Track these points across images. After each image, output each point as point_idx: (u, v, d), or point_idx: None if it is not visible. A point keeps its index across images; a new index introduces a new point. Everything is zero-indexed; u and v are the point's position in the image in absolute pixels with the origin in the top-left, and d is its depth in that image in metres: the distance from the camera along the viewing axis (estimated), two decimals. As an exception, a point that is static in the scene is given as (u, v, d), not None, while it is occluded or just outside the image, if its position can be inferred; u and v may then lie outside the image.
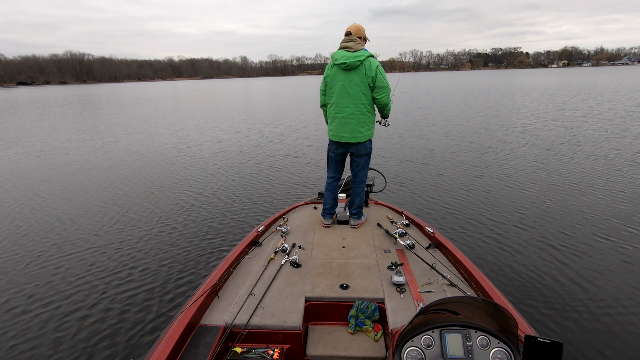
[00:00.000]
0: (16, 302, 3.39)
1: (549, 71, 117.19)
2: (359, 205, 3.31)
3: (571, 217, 4.84)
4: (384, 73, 2.97)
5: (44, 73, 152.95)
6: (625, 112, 14.47)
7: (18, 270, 3.97)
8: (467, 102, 21.01)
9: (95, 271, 3.88)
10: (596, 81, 40.69)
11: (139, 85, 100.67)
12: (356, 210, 3.30)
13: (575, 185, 6.13)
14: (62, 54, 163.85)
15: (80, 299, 3.38)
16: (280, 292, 2.31)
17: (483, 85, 38.59)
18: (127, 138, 12.50)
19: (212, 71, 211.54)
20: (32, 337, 2.93)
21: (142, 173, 7.86)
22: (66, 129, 15.31)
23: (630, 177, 6.37)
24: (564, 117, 13.75)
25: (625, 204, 5.21)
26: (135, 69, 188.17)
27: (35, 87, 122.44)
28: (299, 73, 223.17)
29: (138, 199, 6.11)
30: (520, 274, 3.58)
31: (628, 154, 7.96)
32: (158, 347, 1.74)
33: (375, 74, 2.91)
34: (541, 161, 7.72)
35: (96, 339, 2.86)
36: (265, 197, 6.05)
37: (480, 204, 5.45)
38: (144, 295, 3.41)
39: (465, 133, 11.34)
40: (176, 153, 9.81)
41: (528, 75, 73.40)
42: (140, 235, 4.74)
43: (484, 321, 1.47)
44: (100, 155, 9.88)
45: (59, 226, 5.13)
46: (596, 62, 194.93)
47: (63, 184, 7.20)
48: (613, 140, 9.40)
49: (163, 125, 15.47)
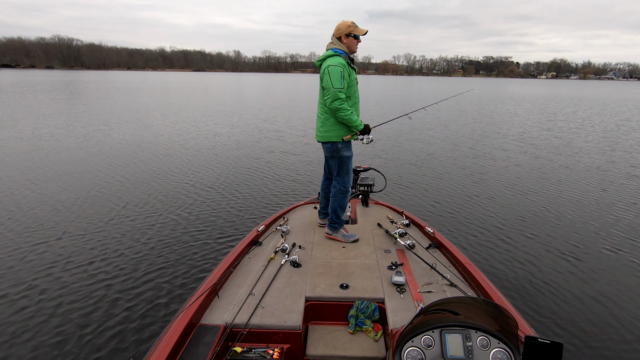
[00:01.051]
0: (16, 302, 3.31)
1: (539, 82, 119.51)
2: (332, 214, 3.08)
3: (571, 218, 4.95)
4: (335, 73, 2.73)
5: (30, 56, 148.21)
6: (617, 126, 14.87)
7: (16, 269, 3.85)
8: (462, 108, 21.26)
9: (95, 271, 3.80)
10: (585, 94, 41.70)
11: (129, 74, 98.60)
12: (329, 219, 3.10)
13: (573, 188, 6.28)
14: (50, 38, 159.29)
15: (80, 299, 3.32)
16: (280, 292, 2.31)
17: (475, 93, 39.04)
18: (121, 130, 12.25)
19: (205, 64, 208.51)
20: (32, 334, 2.88)
21: (139, 171, 7.68)
22: (59, 118, 14.90)
23: (619, 183, 6.57)
24: (557, 127, 14.07)
25: (623, 207, 5.36)
26: (126, 58, 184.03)
27: (20, 70, 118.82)
28: (292, 70, 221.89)
29: (136, 198, 5.98)
30: (520, 274, 3.63)
31: (621, 167, 8.19)
32: (158, 347, 1.73)
33: (323, 74, 2.81)
34: (538, 166, 7.87)
35: (96, 339, 2.82)
36: (265, 197, 6.02)
37: (480, 204, 5.53)
38: (144, 295, 3.37)
39: (463, 138, 11.49)
40: (175, 152, 9.57)
41: (519, 85, 74.72)
42: (140, 234, 4.65)
43: (484, 321, 1.49)
44: (94, 150, 9.60)
45: (57, 226, 4.98)
46: (583, 75, 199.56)
47: (60, 182, 7.01)
48: (607, 153, 9.66)
49: (158, 117, 15.21)
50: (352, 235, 3.08)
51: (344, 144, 2.98)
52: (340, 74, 2.74)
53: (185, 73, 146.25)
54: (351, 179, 3.15)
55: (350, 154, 3.06)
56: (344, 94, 2.78)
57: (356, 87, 2.96)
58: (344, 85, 2.77)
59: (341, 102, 2.76)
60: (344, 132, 2.93)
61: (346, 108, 2.80)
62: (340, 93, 2.76)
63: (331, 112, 2.87)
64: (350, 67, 2.87)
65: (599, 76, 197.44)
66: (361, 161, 7.51)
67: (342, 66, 2.75)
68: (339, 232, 3.09)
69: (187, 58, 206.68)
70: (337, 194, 3.11)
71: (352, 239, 3.04)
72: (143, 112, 16.68)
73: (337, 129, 2.92)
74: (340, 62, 2.77)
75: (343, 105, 2.78)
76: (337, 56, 2.81)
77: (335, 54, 2.83)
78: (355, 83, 2.95)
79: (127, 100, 22.78)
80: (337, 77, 2.73)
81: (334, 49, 2.86)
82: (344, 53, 2.85)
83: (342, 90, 2.77)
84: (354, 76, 2.91)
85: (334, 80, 2.73)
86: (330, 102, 2.80)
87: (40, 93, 26.52)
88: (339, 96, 2.75)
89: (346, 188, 3.11)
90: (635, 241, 4.38)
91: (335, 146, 2.98)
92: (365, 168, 4.11)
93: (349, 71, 2.83)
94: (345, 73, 2.78)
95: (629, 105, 27.03)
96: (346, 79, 2.80)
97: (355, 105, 2.97)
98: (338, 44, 2.87)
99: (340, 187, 3.10)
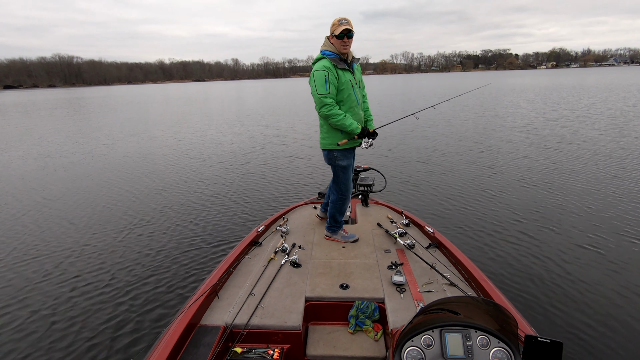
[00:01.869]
0: (16, 301, 3.35)
1: (539, 72, 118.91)
2: (331, 219, 3.06)
3: (572, 218, 4.87)
4: (319, 78, 2.57)
5: (32, 76, 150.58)
6: (621, 113, 14.71)
7: (20, 272, 3.91)
8: (465, 103, 21.16)
9: (95, 271, 3.84)
10: (587, 82, 41.33)
11: (130, 88, 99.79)
12: (328, 221, 3.10)
13: (575, 185, 6.19)
14: (51, 57, 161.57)
15: (80, 300, 3.36)
16: (280, 292, 2.31)
17: (475, 86, 38.93)
18: (125, 140, 12.36)
19: (204, 74, 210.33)
20: (32, 334, 2.91)
21: (142, 173, 7.80)
22: (61, 132, 15.08)
23: (623, 177, 6.48)
24: (563, 117, 13.91)
25: (627, 203, 5.26)
26: (126, 72, 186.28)
27: (22, 90, 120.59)
28: (291, 75, 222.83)
29: (138, 199, 6.07)
30: (520, 273, 3.60)
31: (619, 159, 8.09)
32: (158, 347, 1.74)
33: (310, 80, 2.67)
34: (541, 162, 7.78)
35: (96, 339, 2.84)
36: (265, 197, 6.04)
37: (480, 204, 5.49)
38: (144, 295, 3.40)
39: (465, 134, 11.41)
40: (175, 154, 9.74)
41: (519, 77, 74.30)
42: (140, 235, 4.71)
43: (484, 321, 1.48)
44: (98, 157, 9.73)
45: (58, 224, 5.07)
46: (583, 63, 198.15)
47: (62, 184, 7.08)
48: (605, 142, 9.56)
49: (160, 128, 15.35)
50: (352, 235, 3.02)
51: (340, 152, 2.83)
52: (325, 78, 2.56)
53: (185, 84, 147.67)
54: (349, 187, 3.02)
55: (346, 164, 2.89)
56: (330, 99, 2.61)
57: (352, 90, 2.71)
58: (329, 89, 2.59)
59: (329, 107, 2.61)
60: (340, 138, 2.77)
61: (336, 113, 2.62)
62: (326, 98, 2.59)
63: (323, 119, 2.75)
64: (340, 68, 2.63)
65: (599, 63, 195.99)
66: (361, 161, 7.49)
67: (326, 70, 2.57)
68: (337, 233, 3.05)
69: (186, 69, 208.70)
70: (336, 202, 3.03)
71: (352, 239, 2.98)
72: (145, 124, 16.83)
73: (331, 135, 2.79)
74: (324, 65, 2.58)
75: (332, 111, 2.62)
76: (324, 59, 2.64)
77: (322, 56, 2.67)
78: (351, 85, 2.70)
79: (128, 113, 23.00)
80: (321, 82, 2.58)
81: (323, 51, 2.70)
82: (332, 54, 2.64)
83: (328, 96, 2.60)
84: (345, 78, 2.65)
85: (318, 86, 2.59)
86: (318, 110, 2.67)
87: (44, 111, 26.88)
88: (324, 102, 2.60)
89: (344, 196, 3.00)
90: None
91: (332, 154, 2.85)
92: (365, 168, 4.11)
93: (336, 74, 2.61)
94: (331, 76, 2.58)
95: (633, 89, 26.67)
96: (333, 83, 2.60)
97: (351, 110, 2.74)
98: (329, 44, 2.68)
99: (338, 195, 3.01)
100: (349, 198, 3.07)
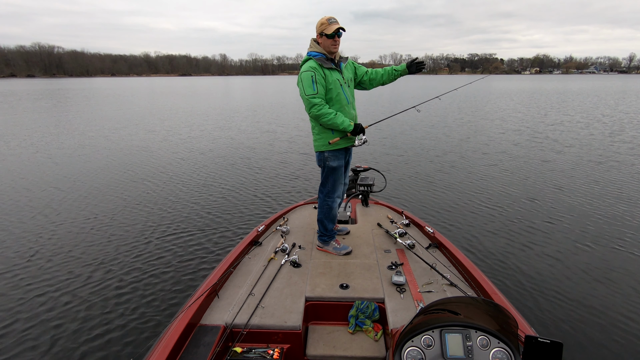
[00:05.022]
0: (15, 302, 3.27)
1: (523, 77, 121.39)
2: (319, 225, 2.93)
3: (572, 218, 4.96)
4: (306, 79, 2.57)
5: (10, 65, 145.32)
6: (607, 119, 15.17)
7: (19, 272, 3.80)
8: (465, 103, 21.37)
9: (94, 271, 3.77)
10: (570, 88, 42.43)
11: (113, 81, 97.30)
12: (317, 230, 2.97)
13: (576, 186, 6.32)
14: (30, 46, 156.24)
15: (80, 299, 3.30)
16: (280, 292, 2.30)
17: (466, 89, 39.38)
18: (119, 134, 12.06)
19: (190, 68, 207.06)
20: (32, 334, 2.86)
21: (139, 171, 7.62)
22: (52, 126, 14.59)
23: (614, 178, 6.69)
24: (564, 121, 14.20)
25: (627, 203, 5.39)
26: (109, 64, 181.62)
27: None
28: (279, 73, 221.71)
29: (136, 200, 5.92)
30: (520, 273, 3.64)
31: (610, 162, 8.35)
32: (158, 347, 1.73)
33: (298, 82, 2.68)
34: (543, 163, 7.91)
35: (96, 340, 2.81)
36: (265, 197, 6.00)
37: (480, 204, 5.55)
38: (144, 295, 3.36)
39: (462, 135, 11.57)
40: (175, 154, 9.47)
41: (505, 81, 75.75)
42: (140, 235, 4.62)
43: (484, 321, 1.49)
44: (97, 156, 9.36)
45: (58, 224, 4.94)
46: (566, 70, 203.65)
47: (57, 181, 6.87)
48: (598, 147, 9.85)
49: (154, 122, 15.04)
50: (345, 247, 2.89)
51: (331, 153, 2.78)
52: (312, 79, 2.56)
53: (171, 78, 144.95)
54: (336, 191, 2.92)
55: (336, 165, 2.82)
56: (319, 99, 2.60)
57: (341, 89, 2.69)
58: (317, 90, 2.58)
59: (318, 107, 2.59)
60: (331, 137, 2.74)
61: (326, 112, 2.60)
62: (314, 99, 2.58)
63: (315, 120, 2.72)
64: (326, 68, 2.62)
65: (580, 70, 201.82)
66: (361, 161, 7.52)
67: (312, 70, 2.57)
68: (329, 244, 2.91)
69: (173, 63, 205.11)
70: (322, 206, 2.92)
71: (344, 252, 2.85)
72: (137, 118, 16.45)
73: (322, 137, 2.75)
74: (310, 66, 2.59)
75: (322, 110, 2.59)
76: (310, 60, 2.64)
77: (308, 58, 2.66)
78: (340, 85, 2.68)
79: (115, 107, 22.43)
80: (308, 82, 2.57)
81: (309, 52, 2.69)
82: (319, 55, 2.63)
83: (316, 96, 2.59)
84: (333, 78, 2.64)
85: (305, 87, 2.58)
86: (308, 111, 2.65)
87: (25, 102, 25.93)
88: (313, 102, 2.59)
89: (330, 198, 2.89)
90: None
91: (322, 155, 2.81)
92: (365, 168, 4.11)
93: (322, 74, 2.60)
94: (317, 76, 2.57)
95: (617, 97, 27.45)
96: (321, 83, 2.59)
97: (342, 109, 2.71)
98: (314, 45, 2.67)
99: (324, 198, 2.90)
100: (336, 203, 2.97)
